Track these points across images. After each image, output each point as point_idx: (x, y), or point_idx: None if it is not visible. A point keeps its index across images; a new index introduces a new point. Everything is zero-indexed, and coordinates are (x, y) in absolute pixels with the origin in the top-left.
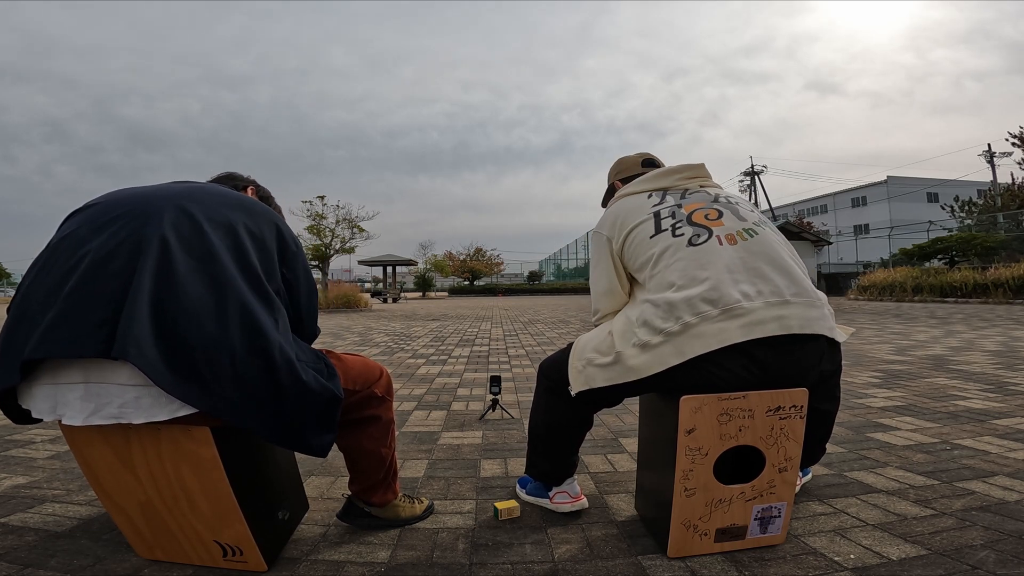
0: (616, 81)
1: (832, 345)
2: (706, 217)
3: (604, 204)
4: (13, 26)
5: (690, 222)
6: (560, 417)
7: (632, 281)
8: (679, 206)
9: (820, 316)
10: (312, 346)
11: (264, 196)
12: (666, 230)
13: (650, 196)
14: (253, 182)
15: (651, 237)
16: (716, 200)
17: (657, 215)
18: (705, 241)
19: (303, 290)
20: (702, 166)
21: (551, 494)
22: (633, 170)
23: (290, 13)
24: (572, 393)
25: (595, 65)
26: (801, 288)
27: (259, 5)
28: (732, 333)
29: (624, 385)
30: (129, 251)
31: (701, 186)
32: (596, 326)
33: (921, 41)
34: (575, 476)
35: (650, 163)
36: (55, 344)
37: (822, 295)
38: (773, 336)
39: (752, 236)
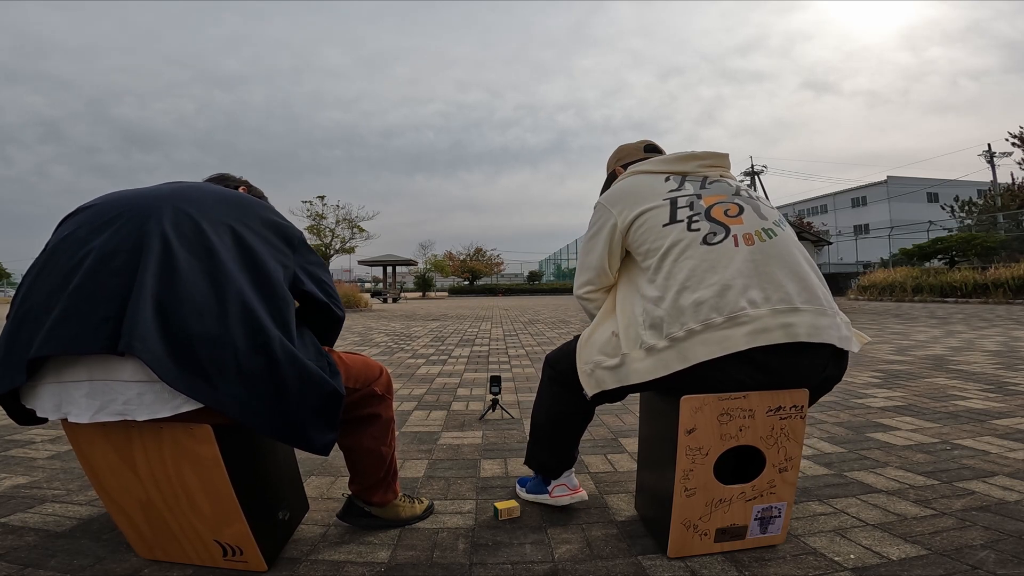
0: (611, 80)
1: (839, 352)
2: (726, 213)
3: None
4: (3, 26)
5: (708, 217)
6: (563, 407)
7: (631, 263)
8: (698, 196)
9: (830, 324)
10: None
11: (257, 195)
12: (681, 221)
13: (668, 179)
14: (245, 182)
15: (664, 225)
16: (737, 193)
17: (674, 203)
18: (720, 241)
19: (322, 270)
20: (726, 156)
21: (550, 488)
22: (635, 155)
23: (282, 13)
24: (587, 397)
25: (590, 65)
26: (812, 295)
27: (251, 5)
28: (737, 341)
29: (631, 385)
30: (131, 249)
31: (722, 176)
32: (579, 297)
33: (916, 40)
34: (573, 469)
35: (652, 148)
36: (61, 341)
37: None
38: (778, 344)
39: (771, 237)
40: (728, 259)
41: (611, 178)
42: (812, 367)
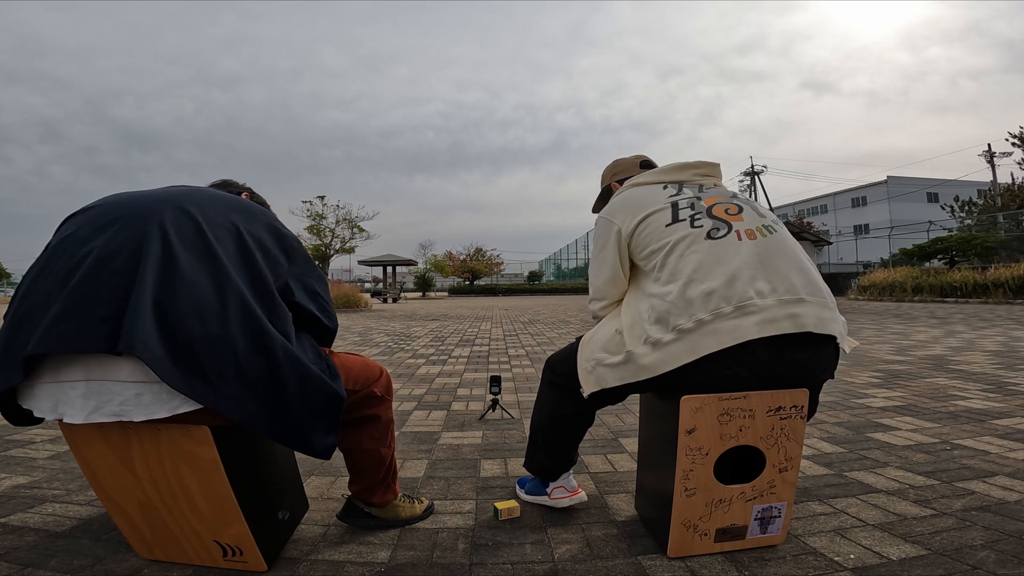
0: (610, 80)
1: (835, 349)
2: (726, 212)
3: (595, 209)
4: (3, 26)
5: (710, 215)
6: (564, 412)
7: (634, 268)
8: (698, 198)
9: (833, 318)
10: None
11: (259, 202)
12: (684, 220)
13: (666, 187)
14: (248, 189)
15: (667, 226)
16: (735, 196)
17: (675, 205)
18: (724, 235)
19: (317, 282)
20: (718, 166)
21: (549, 490)
22: (630, 171)
23: (280, 13)
24: (584, 395)
25: (589, 64)
26: (816, 289)
27: (249, 5)
28: (747, 330)
29: (633, 383)
30: (131, 249)
31: (715, 184)
32: (595, 315)
33: (915, 39)
34: (571, 471)
35: (648, 165)
36: (58, 339)
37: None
38: (788, 335)
39: (771, 233)
40: (734, 252)
41: (606, 192)
42: (820, 362)
